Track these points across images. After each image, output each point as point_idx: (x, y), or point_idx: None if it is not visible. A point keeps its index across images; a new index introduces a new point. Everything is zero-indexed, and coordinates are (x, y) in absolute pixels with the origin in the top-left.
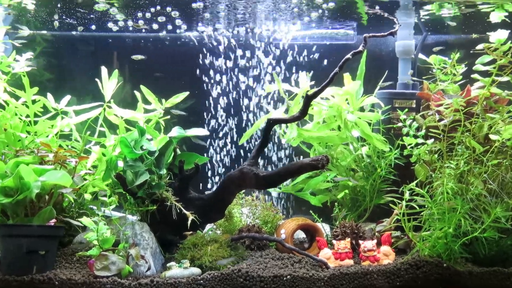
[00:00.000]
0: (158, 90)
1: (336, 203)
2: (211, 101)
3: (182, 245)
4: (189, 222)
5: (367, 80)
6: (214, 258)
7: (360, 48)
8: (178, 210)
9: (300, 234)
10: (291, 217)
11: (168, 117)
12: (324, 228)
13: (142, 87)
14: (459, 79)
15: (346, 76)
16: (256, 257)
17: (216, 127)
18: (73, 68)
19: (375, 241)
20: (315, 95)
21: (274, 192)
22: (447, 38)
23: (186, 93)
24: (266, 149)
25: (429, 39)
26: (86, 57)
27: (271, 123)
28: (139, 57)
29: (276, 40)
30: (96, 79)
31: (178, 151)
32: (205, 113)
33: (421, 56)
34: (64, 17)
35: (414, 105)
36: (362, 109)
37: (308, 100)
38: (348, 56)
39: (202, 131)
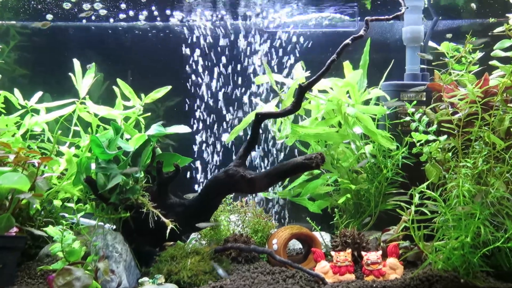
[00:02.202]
0: (147, 85)
1: (336, 209)
2: (201, 97)
3: (159, 257)
4: (168, 231)
5: (371, 72)
6: (194, 272)
7: (361, 32)
8: (156, 218)
9: (297, 245)
10: (288, 224)
11: (149, 114)
12: (323, 237)
13: (119, 81)
14: (474, 68)
15: (346, 65)
16: (242, 271)
17: (209, 124)
18: (50, 62)
19: (380, 252)
20: (309, 85)
21: (269, 196)
22: (460, 23)
23: (168, 88)
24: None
25: (440, 25)
26: (65, 50)
27: (260, 117)
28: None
29: (268, 28)
30: (70, 74)
31: (160, 151)
32: (197, 110)
33: (431, 43)
34: (39, 6)
35: (424, 98)
36: (366, 103)
37: (301, 91)
38: (347, 41)
39: (184, 129)
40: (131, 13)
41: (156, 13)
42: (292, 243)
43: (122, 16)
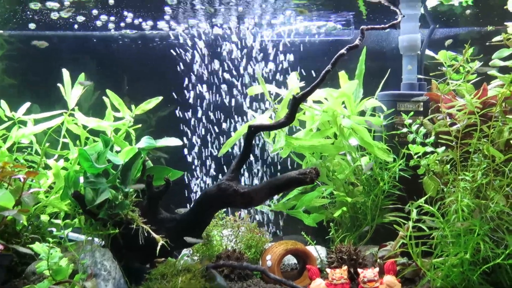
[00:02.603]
0: (139, 95)
1: (331, 223)
2: (195, 107)
3: (149, 275)
4: (158, 247)
5: (367, 81)
6: None
7: (357, 42)
8: (146, 234)
9: (292, 260)
10: (283, 238)
11: (140, 125)
12: (319, 252)
13: (109, 92)
14: (473, 77)
15: (342, 75)
16: None
17: (201, 135)
18: (39, 72)
19: (377, 269)
20: (303, 97)
21: (264, 209)
22: (458, 31)
23: (159, 98)
24: None
25: (437, 33)
26: (54, 59)
27: (253, 130)
28: (42, 43)
29: (263, 36)
30: (59, 84)
31: (151, 164)
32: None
33: (428, 52)
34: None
35: (421, 108)
36: (362, 114)
37: (295, 103)
38: (343, 51)
39: (175, 141)
40: (126, 20)
41: (149, 22)
42: (287, 258)
43: (111, 25)
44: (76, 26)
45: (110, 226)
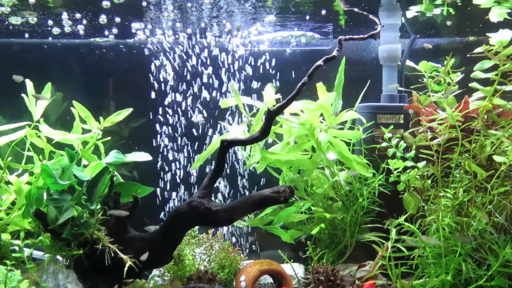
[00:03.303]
0: (111, 105)
1: (309, 242)
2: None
3: None
4: (126, 267)
5: (347, 92)
6: None
7: (334, 53)
8: (113, 254)
9: (268, 278)
10: (260, 255)
11: (109, 138)
12: (296, 271)
13: (75, 103)
14: (454, 88)
15: (319, 86)
16: None
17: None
18: (3, 82)
19: None
20: (278, 110)
21: (240, 225)
22: (439, 41)
23: (129, 110)
24: None
25: (418, 43)
26: (21, 68)
27: (225, 145)
28: (19, 78)
29: (234, 45)
30: (23, 95)
31: (120, 179)
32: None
33: (409, 63)
34: None
35: (401, 121)
36: (341, 128)
37: (270, 116)
38: (319, 62)
39: (144, 156)
40: (98, 27)
41: (118, 30)
42: (264, 276)
43: (82, 32)
44: (46, 33)
45: (74, 247)
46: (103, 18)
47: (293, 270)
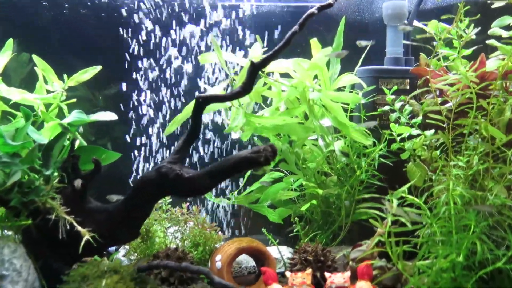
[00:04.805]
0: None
1: (296, 218)
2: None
3: (67, 277)
4: (82, 242)
5: (346, 57)
6: None
7: (330, 0)
8: (69, 226)
9: (251, 262)
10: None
11: (74, 100)
12: (283, 253)
13: (35, 58)
14: (467, 52)
15: (313, 42)
16: None
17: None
18: None
19: (348, 273)
20: (264, 62)
21: (222, 203)
22: (451, 1)
23: (97, 68)
24: None
25: (428, 3)
26: None
27: (201, 102)
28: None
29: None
30: None
31: (84, 143)
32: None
33: (416, 24)
34: None
35: (407, 86)
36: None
37: (254, 69)
38: (313, 10)
39: (110, 115)
40: None
41: None
42: (246, 260)
43: None
44: None
45: (24, 217)
46: None
47: (279, 252)
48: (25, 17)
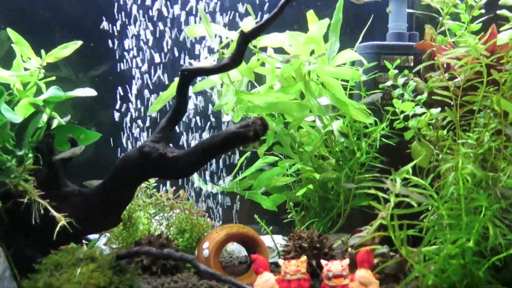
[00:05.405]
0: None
1: (290, 203)
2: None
3: (40, 265)
4: (57, 228)
5: (346, 34)
6: (83, 286)
7: None
8: (43, 211)
9: (243, 252)
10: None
11: (54, 78)
12: (276, 242)
13: (10, 31)
14: (476, 28)
15: (310, 15)
16: (154, 285)
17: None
18: None
19: (347, 261)
20: (254, 33)
21: (213, 189)
22: None
23: (78, 43)
24: None
25: None
26: None
27: (186, 75)
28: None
29: None
30: None
31: (62, 122)
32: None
33: None
34: None
35: (411, 63)
36: None
37: (243, 40)
38: None
39: (89, 92)
40: None
41: None
42: (237, 249)
43: None
44: None
45: None
46: None
47: (273, 240)
48: None
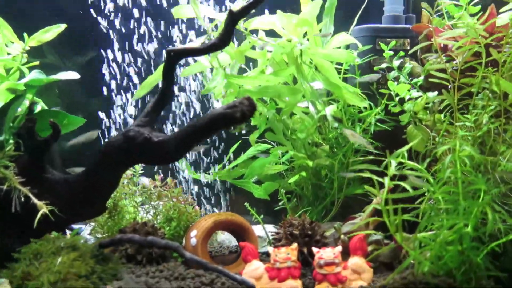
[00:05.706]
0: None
1: (282, 190)
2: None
3: (19, 254)
4: (38, 216)
5: (340, 19)
6: (62, 276)
7: None
8: (24, 199)
9: (234, 241)
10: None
11: (38, 62)
12: (268, 231)
13: None
14: (475, 10)
15: None
16: (138, 275)
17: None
18: None
19: (339, 248)
20: (243, 11)
21: (204, 178)
22: None
23: (61, 26)
24: None
25: None
26: None
27: (173, 56)
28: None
29: None
30: None
31: (45, 107)
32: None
33: None
34: None
35: (407, 47)
36: None
37: (232, 19)
38: None
39: (72, 75)
40: None
41: None
42: (228, 239)
43: None
44: None
45: None
46: None
47: (264, 228)
48: None
